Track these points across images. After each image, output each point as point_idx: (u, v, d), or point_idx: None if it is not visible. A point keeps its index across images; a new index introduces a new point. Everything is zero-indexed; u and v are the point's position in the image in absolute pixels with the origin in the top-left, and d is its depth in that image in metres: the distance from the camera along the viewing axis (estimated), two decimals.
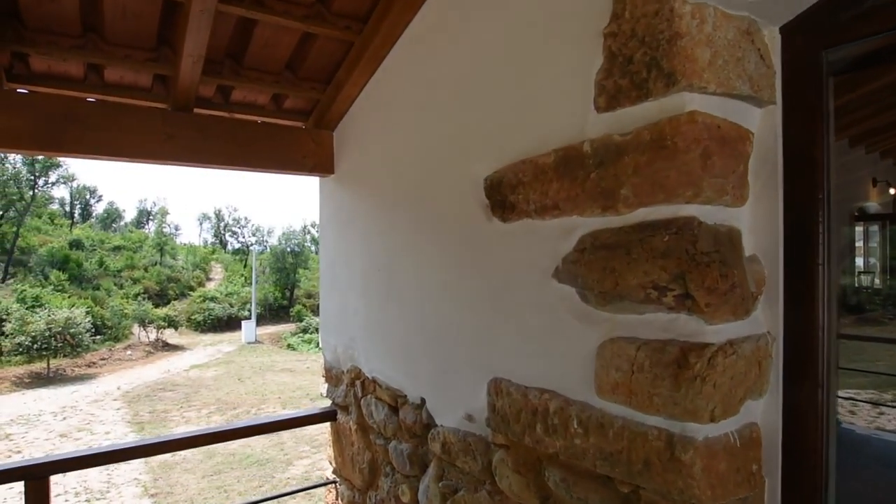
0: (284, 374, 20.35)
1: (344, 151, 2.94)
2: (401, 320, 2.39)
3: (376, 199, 2.64)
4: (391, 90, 2.52)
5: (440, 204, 2.14)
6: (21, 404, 16.05)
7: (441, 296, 2.12)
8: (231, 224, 57.85)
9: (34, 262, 32.60)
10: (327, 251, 3.14)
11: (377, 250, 2.60)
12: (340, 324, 2.97)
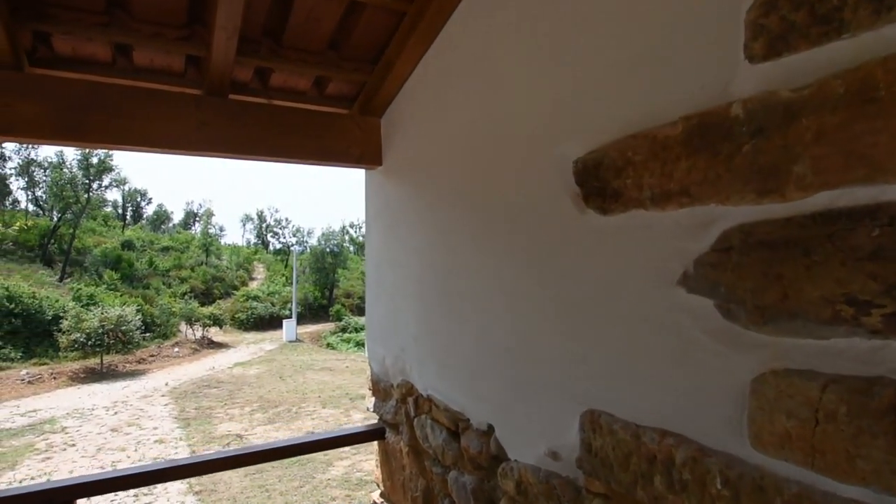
0: (324, 373, 20.37)
1: (393, 140, 2.61)
2: (464, 333, 2.03)
3: (432, 191, 2.29)
4: (450, 65, 2.16)
5: (514, 195, 1.76)
6: (76, 398, 16.51)
7: (516, 305, 1.75)
8: (273, 225, 58.91)
9: (89, 263, 33.83)
10: (374, 251, 2.81)
11: (433, 251, 2.25)
12: (389, 333, 2.65)
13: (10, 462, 10.76)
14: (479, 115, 1.96)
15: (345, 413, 14.80)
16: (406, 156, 2.50)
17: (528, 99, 1.69)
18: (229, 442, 12.02)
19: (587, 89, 1.46)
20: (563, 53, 1.56)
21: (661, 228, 1.23)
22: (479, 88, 1.96)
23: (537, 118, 1.65)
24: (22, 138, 1.94)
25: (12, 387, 17.32)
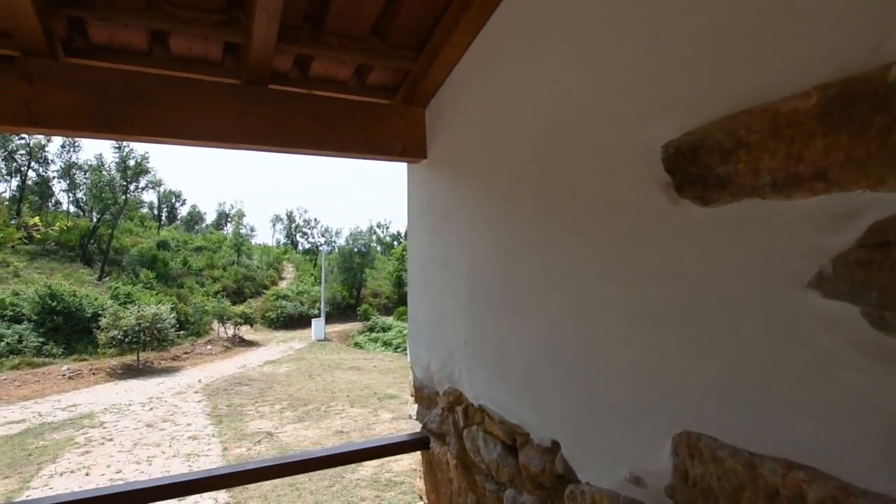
0: (352, 373, 20.41)
1: (438, 131, 2.43)
2: (522, 338, 1.83)
3: (482, 185, 2.10)
4: (505, 47, 1.96)
5: (584, 187, 1.56)
6: (114, 394, 16.88)
7: (587, 310, 1.55)
8: (302, 225, 59.63)
9: (126, 262, 34.72)
10: (417, 250, 2.64)
11: (485, 250, 2.07)
12: (435, 336, 2.47)
13: (51, 455, 11.00)
14: (540, 99, 1.76)
15: (373, 412, 14.75)
16: (453, 147, 2.32)
17: (603, 77, 1.49)
18: (260, 440, 12.07)
19: (681, 59, 1.24)
20: (649, 18, 1.34)
21: (784, 220, 1.02)
22: (540, 70, 1.76)
23: (614, 98, 1.44)
24: (56, 130, 1.83)
25: (54, 382, 17.80)
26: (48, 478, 9.99)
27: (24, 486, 9.58)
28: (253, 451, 11.31)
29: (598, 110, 1.51)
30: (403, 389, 17.60)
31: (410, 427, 11.37)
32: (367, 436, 12.57)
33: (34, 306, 21.08)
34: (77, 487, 9.40)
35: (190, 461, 11.02)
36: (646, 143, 1.33)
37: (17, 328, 20.14)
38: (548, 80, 1.73)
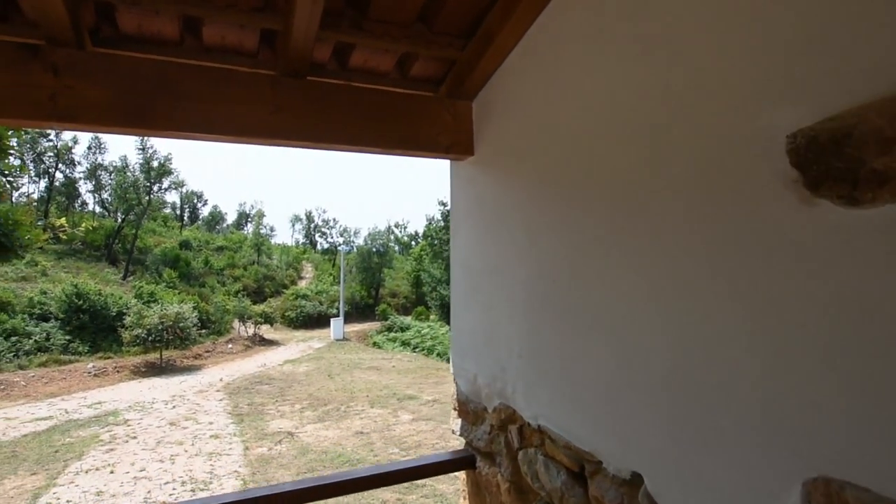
0: (371, 373, 20.33)
1: (487, 126, 2.23)
2: (599, 354, 1.62)
3: (544, 184, 1.89)
4: (571, 30, 1.75)
5: (680, 185, 1.34)
6: (137, 392, 17.00)
7: (681, 324, 1.33)
8: (320, 225, 59.88)
9: (150, 261, 35.15)
10: (462, 254, 2.43)
11: (549, 254, 1.86)
12: (482, 348, 2.27)
13: (77, 452, 11.06)
14: (616, 86, 1.55)
15: (393, 413, 14.64)
16: (505, 143, 2.12)
17: (706, 53, 1.26)
18: (281, 439, 12.01)
19: (818, 22, 1.02)
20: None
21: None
22: (618, 52, 1.55)
23: (722, 78, 1.22)
24: (83, 125, 1.68)
25: (80, 379, 18.00)
26: (74, 475, 10.04)
27: (50, 482, 9.64)
28: (274, 451, 11.25)
29: (699, 96, 1.29)
30: (423, 390, 17.45)
31: (431, 429, 11.23)
32: (388, 437, 12.46)
33: (61, 305, 21.37)
34: (102, 486, 9.43)
35: (212, 460, 11.01)
36: (764, 132, 1.11)
37: (44, 326, 20.44)
38: (628, 64, 1.52)
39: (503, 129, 2.13)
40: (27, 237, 3.81)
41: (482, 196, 2.26)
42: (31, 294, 22.48)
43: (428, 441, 12.26)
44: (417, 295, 41.22)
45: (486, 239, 2.22)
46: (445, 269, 29.45)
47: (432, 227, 32.38)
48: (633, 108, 1.50)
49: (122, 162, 37.83)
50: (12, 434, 12.76)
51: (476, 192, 2.31)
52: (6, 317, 19.68)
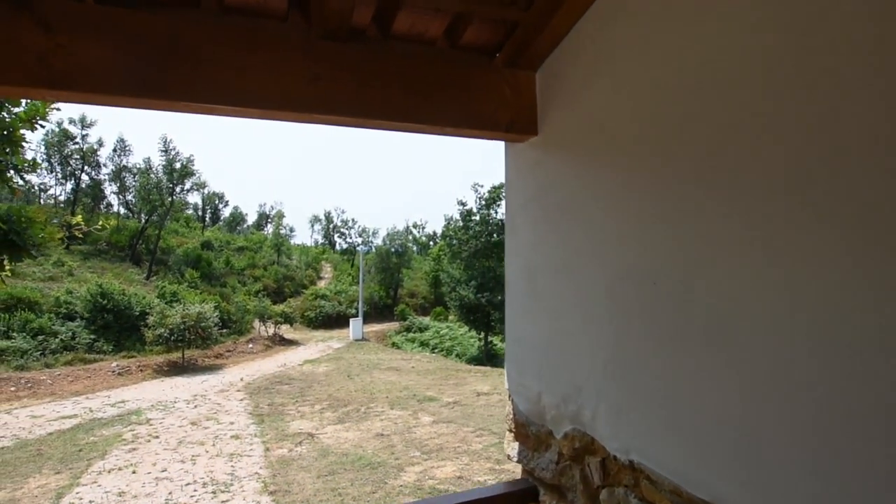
0: (390, 373, 20.10)
1: (556, 100, 1.87)
2: (729, 382, 1.24)
3: (641, 167, 1.52)
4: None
5: (855, 166, 0.98)
6: (160, 391, 16.99)
7: (845, 347, 0.98)
8: (339, 226, 59.87)
9: (172, 262, 35.41)
10: (521, 251, 2.07)
11: (646, 251, 1.51)
12: (550, 363, 1.91)
13: (100, 451, 10.98)
14: (750, 42, 1.19)
15: (413, 415, 14.37)
16: (580, 120, 1.76)
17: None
18: (301, 441, 11.79)
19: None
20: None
21: None
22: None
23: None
24: (81, 94, 1.36)
25: (104, 378, 18.04)
26: (97, 475, 9.94)
27: (74, 482, 9.54)
28: (294, 453, 11.03)
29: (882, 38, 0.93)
30: (443, 392, 17.14)
31: (452, 432, 10.85)
32: (409, 440, 12.19)
33: (86, 304, 21.50)
34: (124, 486, 9.32)
35: (233, 461, 10.86)
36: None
37: (70, 325, 20.56)
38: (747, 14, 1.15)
39: (577, 104, 1.77)
40: (40, 235, 3.59)
41: (548, 183, 1.89)
42: (58, 294, 22.67)
43: (449, 444, 11.96)
44: (436, 295, 40.93)
45: (553, 233, 1.85)
46: (465, 269, 29.06)
47: (451, 228, 31.99)
48: (781, 71, 1.13)
49: (145, 164, 38.19)
50: (38, 432, 12.78)
51: (540, 178, 1.94)
52: (33, 316, 19.82)
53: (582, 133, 1.75)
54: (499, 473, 10.25)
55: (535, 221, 1.96)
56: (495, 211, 30.80)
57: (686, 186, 1.36)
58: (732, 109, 1.23)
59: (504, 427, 2.14)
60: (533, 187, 1.98)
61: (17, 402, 15.46)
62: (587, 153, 1.72)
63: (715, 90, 1.28)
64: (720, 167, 1.26)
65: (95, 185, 39.64)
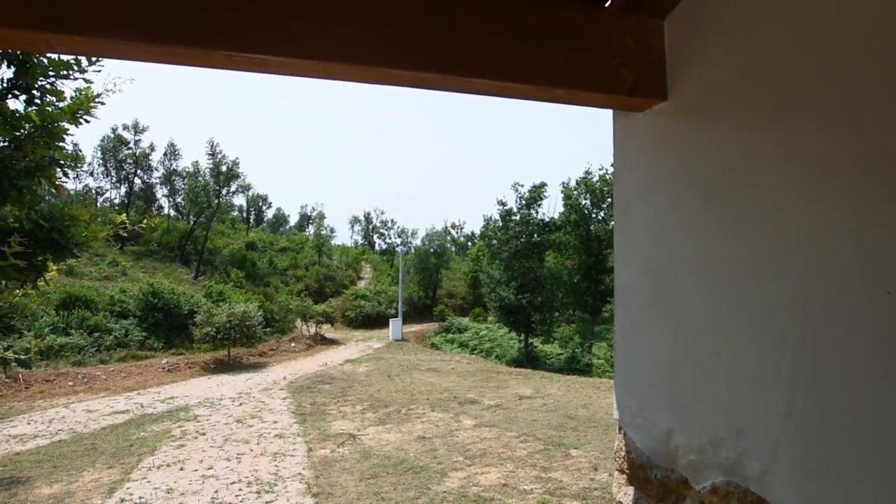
0: (430, 374, 19.82)
1: (693, 54, 1.42)
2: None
3: (829, 136, 1.09)
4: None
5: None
6: (207, 388, 17.22)
7: None
8: (379, 226, 60.07)
9: (219, 262, 36.24)
10: (640, 250, 1.62)
11: (862, 249, 1.04)
12: (685, 392, 1.45)
13: (150, 447, 11.07)
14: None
15: (455, 418, 14.02)
16: (727, 80, 1.31)
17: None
18: (343, 441, 11.59)
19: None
20: None
21: None
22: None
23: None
24: (95, 40, 1.02)
25: (154, 374, 18.43)
26: (146, 470, 9.99)
27: (125, 477, 9.61)
28: (336, 454, 10.82)
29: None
30: (483, 394, 16.71)
31: (495, 437, 10.35)
32: (451, 443, 11.83)
33: (138, 303, 22.09)
34: (172, 483, 9.30)
35: (276, 461, 10.77)
36: None
37: (123, 323, 21.16)
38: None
39: (725, 58, 1.32)
40: (83, 234, 3.42)
41: (682, 162, 1.43)
42: (112, 292, 23.40)
43: (493, 450, 11.53)
44: (474, 296, 40.47)
45: (689, 227, 1.39)
46: (505, 269, 28.48)
47: (490, 227, 31.48)
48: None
49: (193, 167, 39.28)
50: (93, 426, 13.07)
51: (669, 156, 1.49)
52: (90, 314, 20.48)
53: (732, 96, 1.29)
54: (545, 482, 9.75)
55: (661, 212, 1.51)
56: (535, 210, 30.11)
57: None
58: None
59: (553, 435, 1.71)
60: (659, 168, 1.52)
61: (74, 397, 15.92)
62: (743, 122, 1.26)
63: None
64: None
65: (147, 188, 41.02)
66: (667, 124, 1.49)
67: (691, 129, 1.42)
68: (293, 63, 1.14)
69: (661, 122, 1.52)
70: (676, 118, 1.46)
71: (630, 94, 1.42)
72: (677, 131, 1.46)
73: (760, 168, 1.25)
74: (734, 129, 1.32)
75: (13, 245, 2.91)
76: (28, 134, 3.37)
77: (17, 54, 3.06)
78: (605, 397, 16.22)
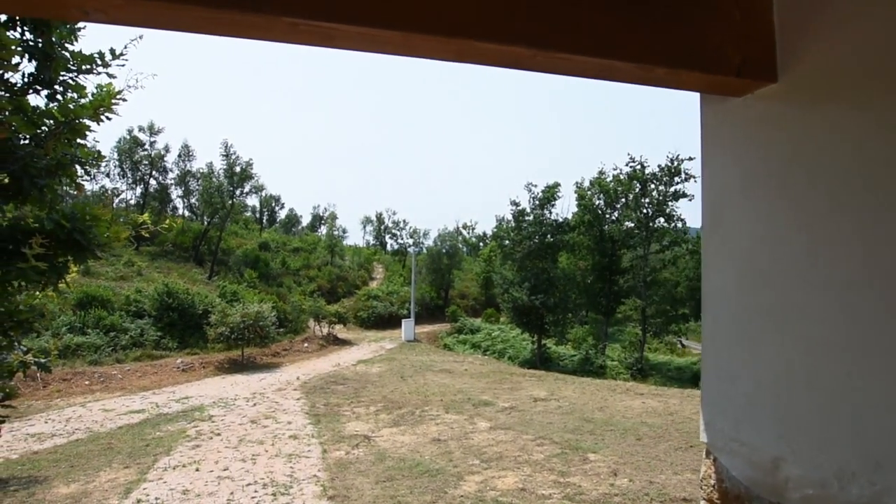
0: (443, 375, 19.67)
1: (808, 28, 1.24)
2: None
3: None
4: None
5: None
6: (221, 388, 17.19)
7: None
8: (391, 227, 59.96)
9: (232, 262, 36.38)
10: (738, 251, 1.43)
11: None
12: (801, 416, 1.23)
13: (165, 447, 11.02)
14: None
15: (469, 420, 13.85)
16: (853, 57, 1.13)
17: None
18: (358, 443, 11.46)
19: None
20: None
21: None
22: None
23: None
24: (133, 4, 0.86)
25: (169, 374, 18.45)
26: (162, 471, 9.93)
27: (141, 477, 9.55)
28: (351, 456, 10.70)
29: None
30: (498, 396, 16.53)
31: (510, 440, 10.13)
32: (466, 446, 11.67)
33: (153, 303, 22.16)
34: (188, 484, 9.23)
35: (291, 462, 10.68)
36: None
37: (139, 322, 21.22)
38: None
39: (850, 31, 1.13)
40: (105, 235, 3.30)
41: (796, 153, 1.23)
42: (128, 292, 23.51)
43: (509, 453, 11.35)
44: (486, 297, 40.27)
45: (812, 227, 1.19)
46: (518, 270, 28.23)
47: (503, 228, 31.26)
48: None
49: (208, 168, 39.47)
50: (109, 426, 13.08)
51: (780, 145, 1.29)
52: (106, 313, 20.57)
53: (863, 77, 1.10)
54: (563, 487, 9.54)
55: (770, 209, 1.31)
56: (549, 211, 29.85)
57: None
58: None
59: (570, 438, 1.51)
60: (765, 159, 1.32)
61: (91, 396, 15.96)
62: (885, 110, 1.07)
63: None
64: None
65: (162, 189, 41.30)
66: (775, 109, 1.30)
67: (807, 114, 1.23)
68: (367, 34, 0.96)
69: (766, 106, 1.32)
70: (788, 102, 1.27)
71: (738, 75, 1.24)
72: (789, 117, 1.27)
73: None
74: (868, 117, 1.13)
75: (34, 247, 2.78)
76: (50, 131, 3.24)
77: (40, 46, 2.94)
78: (620, 400, 15.96)
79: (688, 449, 10.54)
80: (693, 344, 37.53)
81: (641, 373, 26.96)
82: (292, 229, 65.46)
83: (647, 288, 30.18)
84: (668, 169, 30.24)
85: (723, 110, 1.44)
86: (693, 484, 8.43)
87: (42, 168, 3.19)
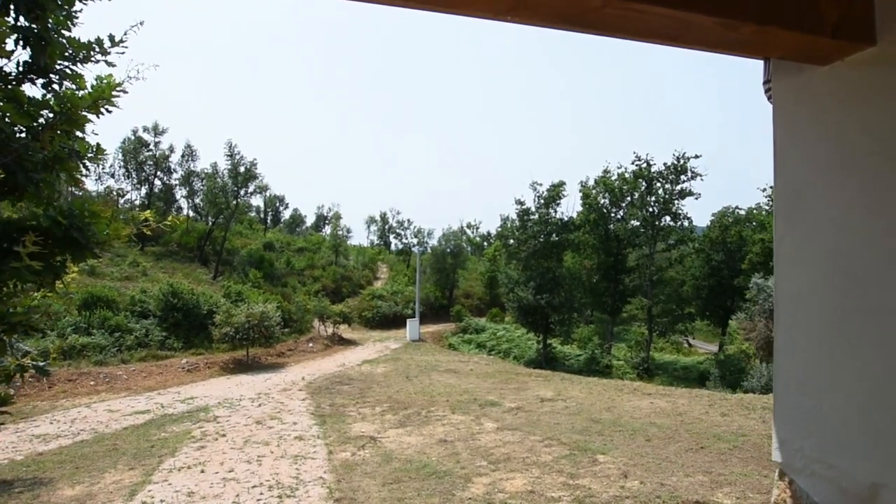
0: (449, 375, 19.50)
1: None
2: None
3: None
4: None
5: None
6: (226, 388, 17.07)
7: None
8: (395, 227, 59.76)
9: (237, 262, 36.29)
10: (824, 246, 1.18)
11: None
12: None
13: (170, 448, 10.87)
14: None
15: (476, 421, 13.65)
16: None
17: None
18: (364, 444, 11.29)
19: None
20: None
21: None
22: None
23: None
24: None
25: (174, 374, 18.33)
26: (167, 472, 9.79)
27: (146, 479, 9.40)
28: (357, 457, 10.52)
29: None
30: (504, 396, 16.34)
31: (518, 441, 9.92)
32: (473, 447, 11.47)
33: (158, 303, 22.05)
34: (193, 486, 9.07)
35: (297, 464, 10.51)
36: None
37: (144, 323, 21.11)
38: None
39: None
40: (104, 233, 3.12)
41: None
42: (133, 293, 23.41)
43: (517, 454, 11.14)
44: (491, 296, 40.07)
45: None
46: (523, 269, 28.03)
47: (508, 227, 31.07)
48: None
49: (212, 168, 39.37)
50: (114, 426, 12.96)
51: (881, 119, 1.11)
52: (111, 314, 20.46)
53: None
54: (573, 490, 9.32)
55: (865, 196, 1.11)
56: (554, 210, 29.66)
57: None
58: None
59: (578, 439, 1.32)
60: (859, 137, 1.13)
61: (96, 396, 15.85)
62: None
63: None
64: None
65: (167, 189, 41.20)
66: (873, 77, 1.11)
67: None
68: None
69: (861, 75, 1.13)
70: (889, 68, 1.08)
71: (833, 36, 1.05)
72: (891, 86, 1.08)
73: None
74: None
75: (27, 245, 2.60)
76: (46, 122, 3.06)
77: (35, 31, 2.77)
78: (628, 400, 15.74)
79: (699, 450, 10.31)
80: (701, 343, 37.26)
81: (648, 372, 26.74)
82: (296, 229, 65.42)
83: (652, 287, 29.96)
84: (675, 167, 30.01)
85: (804, 82, 1.24)
86: (705, 486, 8.22)
87: (38, 162, 3.02)
